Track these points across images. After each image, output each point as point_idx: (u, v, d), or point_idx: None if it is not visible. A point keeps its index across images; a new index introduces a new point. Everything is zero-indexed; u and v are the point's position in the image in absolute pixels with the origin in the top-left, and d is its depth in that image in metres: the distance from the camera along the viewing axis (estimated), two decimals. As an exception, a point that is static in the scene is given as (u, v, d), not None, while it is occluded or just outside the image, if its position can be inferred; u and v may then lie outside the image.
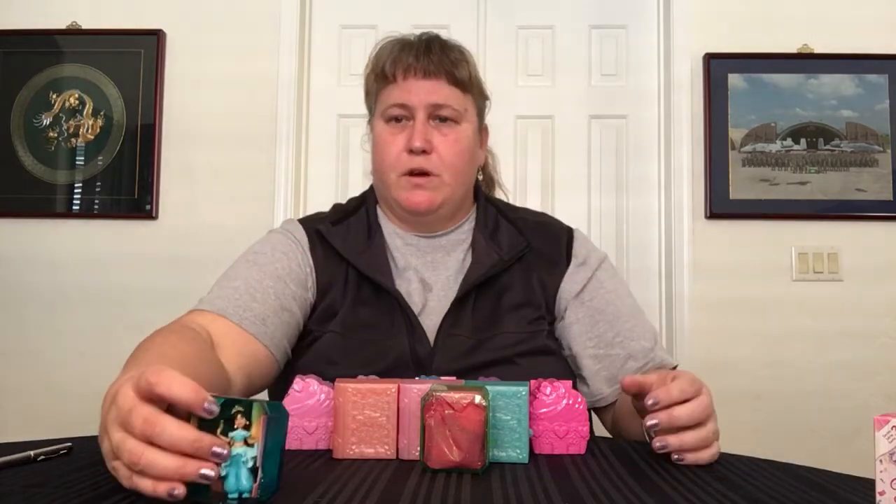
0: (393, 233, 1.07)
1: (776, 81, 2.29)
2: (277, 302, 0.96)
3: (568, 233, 1.10)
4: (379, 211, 1.09)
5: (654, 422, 0.68)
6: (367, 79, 1.07)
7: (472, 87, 1.04)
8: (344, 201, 1.15)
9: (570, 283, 1.05)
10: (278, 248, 1.02)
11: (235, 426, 0.52)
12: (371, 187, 1.12)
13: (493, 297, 1.02)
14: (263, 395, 1.02)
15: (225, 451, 0.50)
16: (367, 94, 1.09)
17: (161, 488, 0.50)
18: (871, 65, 2.27)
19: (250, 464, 0.52)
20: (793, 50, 2.29)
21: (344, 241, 1.03)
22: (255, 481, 0.52)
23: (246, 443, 0.52)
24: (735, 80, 2.28)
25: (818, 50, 2.28)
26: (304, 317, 1.01)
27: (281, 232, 1.06)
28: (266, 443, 0.52)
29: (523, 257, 1.05)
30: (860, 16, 2.29)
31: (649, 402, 0.69)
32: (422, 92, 1.00)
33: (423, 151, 0.99)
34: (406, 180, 1.00)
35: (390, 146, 1.01)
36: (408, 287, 1.03)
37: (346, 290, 1.01)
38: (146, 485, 0.50)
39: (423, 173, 1.00)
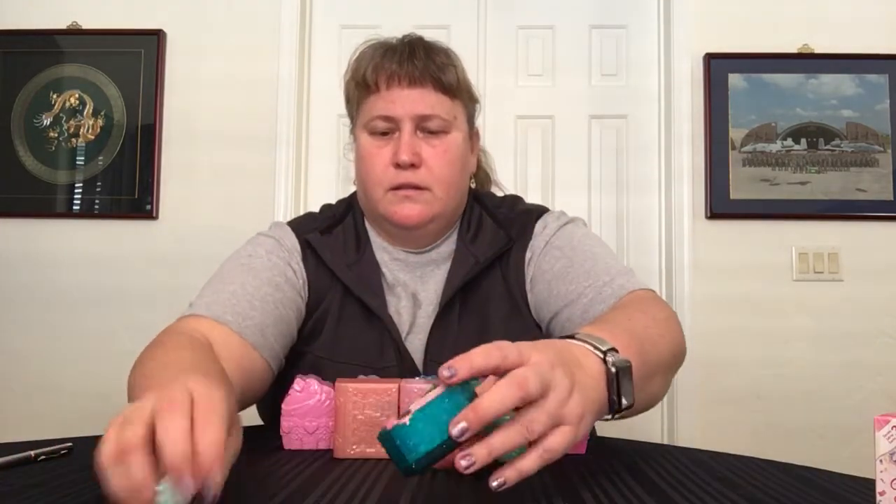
0: (380, 247, 1.01)
1: (776, 81, 2.29)
2: (276, 311, 0.89)
3: (538, 214, 1.02)
4: (366, 222, 1.03)
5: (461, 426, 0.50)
6: (346, 85, 1.00)
7: (460, 93, 0.97)
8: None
9: (529, 270, 0.98)
10: (273, 252, 0.96)
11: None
12: (355, 194, 1.05)
13: (478, 309, 0.96)
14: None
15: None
16: (348, 101, 1.01)
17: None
18: (871, 65, 2.27)
19: None
20: (793, 50, 2.29)
21: (333, 254, 0.97)
22: None
23: None
24: (735, 79, 2.28)
25: (818, 50, 2.28)
26: (298, 327, 0.95)
27: (272, 237, 0.99)
28: None
29: (506, 257, 0.99)
30: (860, 16, 2.29)
31: (444, 373, 0.51)
32: (407, 102, 0.93)
33: (412, 165, 0.92)
34: (394, 194, 0.94)
35: (376, 159, 0.94)
36: (397, 305, 0.97)
37: (332, 305, 0.96)
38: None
39: (412, 187, 0.93)
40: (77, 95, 2.33)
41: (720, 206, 2.25)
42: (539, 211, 1.04)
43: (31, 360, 2.29)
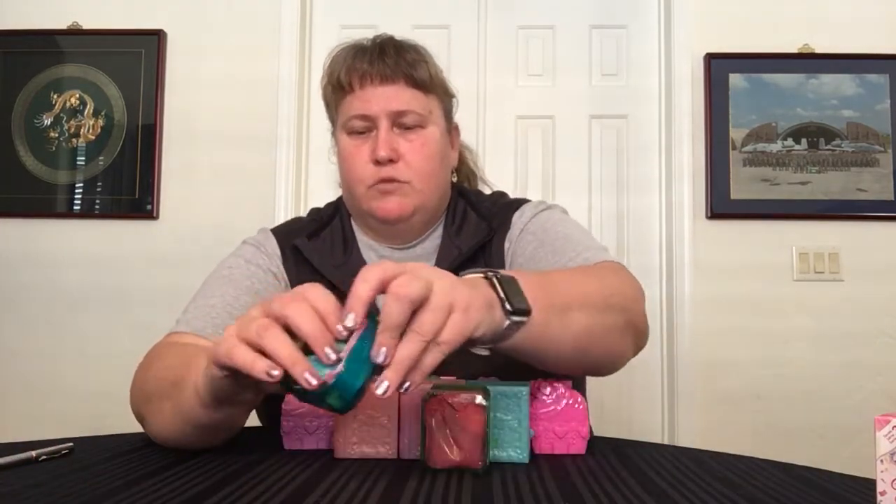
0: (367, 246, 1.03)
1: (777, 81, 2.29)
2: None
3: (517, 205, 1.03)
4: (353, 223, 1.05)
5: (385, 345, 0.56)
6: (324, 90, 1.03)
7: (434, 87, 0.99)
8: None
9: (508, 258, 0.98)
10: (252, 261, 0.98)
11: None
12: (342, 197, 1.07)
13: None
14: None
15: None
16: (327, 105, 1.04)
17: (260, 366, 0.55)
18: (871, 65, 2.27)
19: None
20: (793, 50, 2.29)
21: (321, 256, 0.99)
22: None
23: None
24: (736, 79, 2.28)
25: (819, 50, 2.28)
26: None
27: (253, 244, 1.02)
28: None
29: (488, 248, 0.99)
30: (860, 16, 2.29)
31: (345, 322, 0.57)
32: (381, 100, 0.95)
33: (390, 160, 0.94)
34: (375, 190, 0.96)
35: (356, 158, 0.97)
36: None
37: None
38: (246, 358, 0.56)
39: (392, 181, 0.95)
40: (77, 95, 2.33)
41: (720, 206, 2.26)
42: (519, 202, 1.06)
43: (31, 360, 2.30)
